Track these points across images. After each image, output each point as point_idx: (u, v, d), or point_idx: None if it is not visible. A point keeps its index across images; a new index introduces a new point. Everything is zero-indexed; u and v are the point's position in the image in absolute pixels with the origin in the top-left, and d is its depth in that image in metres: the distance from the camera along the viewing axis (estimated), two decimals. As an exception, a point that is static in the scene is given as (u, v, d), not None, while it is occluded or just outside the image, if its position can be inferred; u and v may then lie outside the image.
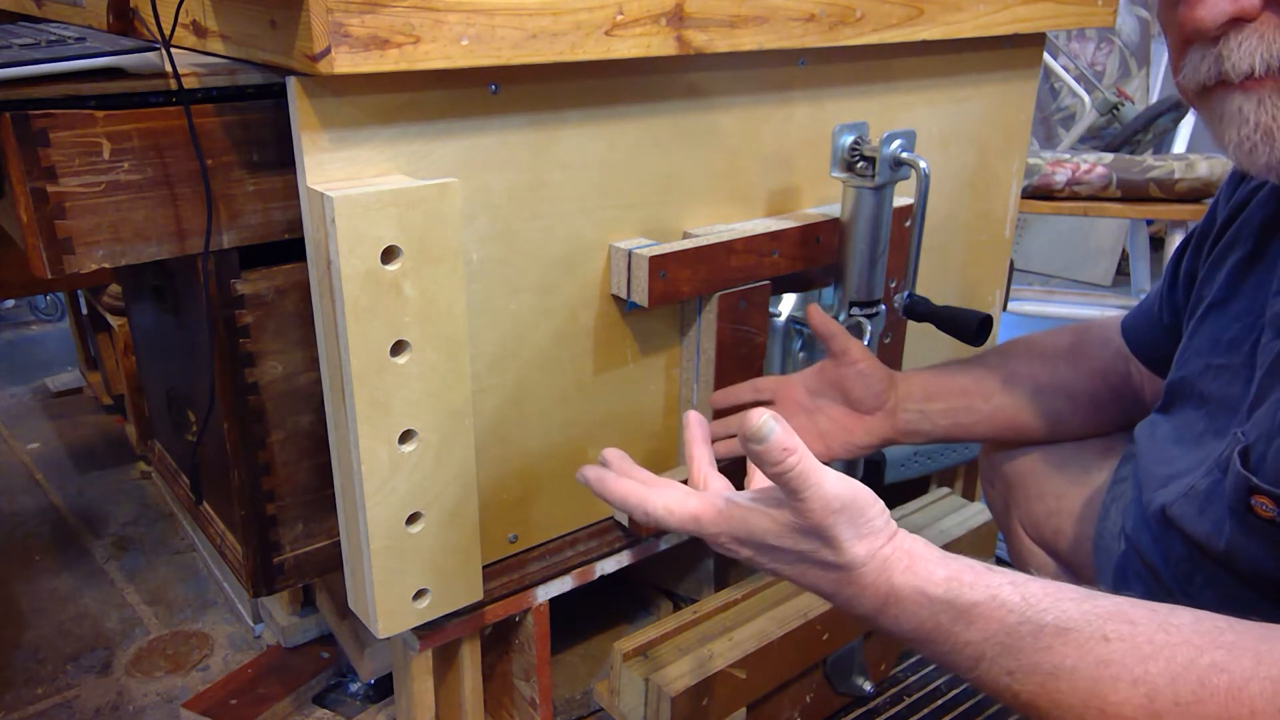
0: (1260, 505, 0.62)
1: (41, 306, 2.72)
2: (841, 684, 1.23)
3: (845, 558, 0.55)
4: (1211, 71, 0.57)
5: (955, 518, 1.35)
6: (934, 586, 0.54)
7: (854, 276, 1.04)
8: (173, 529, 1.73)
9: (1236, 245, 0.74)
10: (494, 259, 0.90)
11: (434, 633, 0.98)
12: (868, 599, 0.55)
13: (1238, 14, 0.54)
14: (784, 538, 0.56)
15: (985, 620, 0.52)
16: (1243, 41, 0.54)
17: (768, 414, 0.52)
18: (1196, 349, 0.76)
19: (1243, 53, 0.54)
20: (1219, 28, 0.55)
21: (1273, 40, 0.54)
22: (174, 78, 0.76)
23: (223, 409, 0.88)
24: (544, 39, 0.80)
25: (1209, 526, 0.67)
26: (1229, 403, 0.70)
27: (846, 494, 0.54)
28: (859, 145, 0.98)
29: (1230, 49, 0.55)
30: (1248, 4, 0.54)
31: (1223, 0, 0.54)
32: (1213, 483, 0.67)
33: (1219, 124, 0.59)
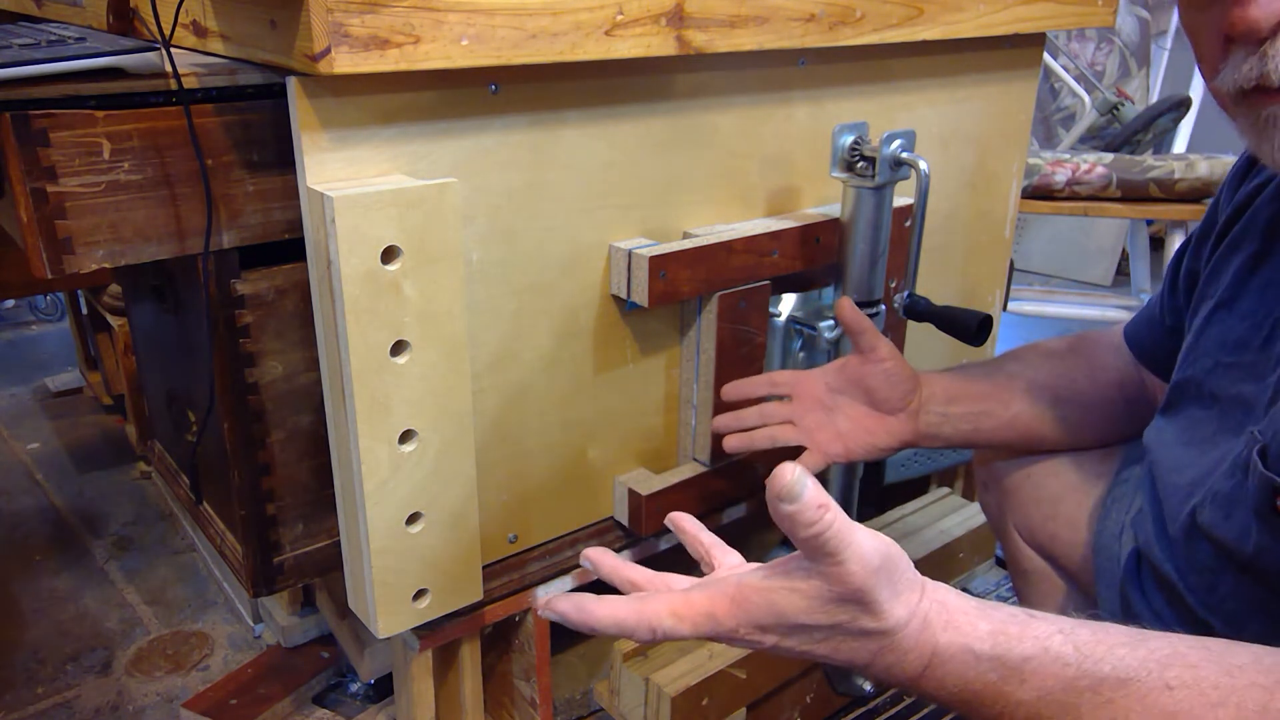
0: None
1: (41, 306, 2.72)
2: (841, 684, 1.23)
3: (888, 622, 0.50)
4: (1254, 73, 0.54)
5: (955, 518, 1.35)
6: (980, 642, 0.50)
7: (854, 276, 1.04)
8: (173, 529, 1.73)
9: (1243, 244, 0.73)
10: (494, 259, 0.90)
11: (434, 633, 0.98)
12: (910, 663, 0.51)
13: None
14: (815, 613, 0.50)
15: (1040, 677, 0.48)
16: None
17: (799, 469, 0.47)
18: (1204, 349, 0.75)
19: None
20: (1272, 28, 0.52)
21: None
22: (174, 78, 0.76)
23: (223, 409, 0.88)
24: (544, 39, 0.80)
25: (1236, 531, 0.65)
26: (1240, 401, 0.69)
27: (882, 549, 0.49)
28: (859, 145, 0.98)
29: (1277, 49, 0.53)
30: None
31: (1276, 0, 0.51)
32: (1234, 484, 0.65)
33: (1263, 132, 0.56)
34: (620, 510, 1.08)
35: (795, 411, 0.97)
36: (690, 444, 1.10)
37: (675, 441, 1.12)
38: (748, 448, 0.99)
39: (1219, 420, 0.72)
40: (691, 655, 1.05)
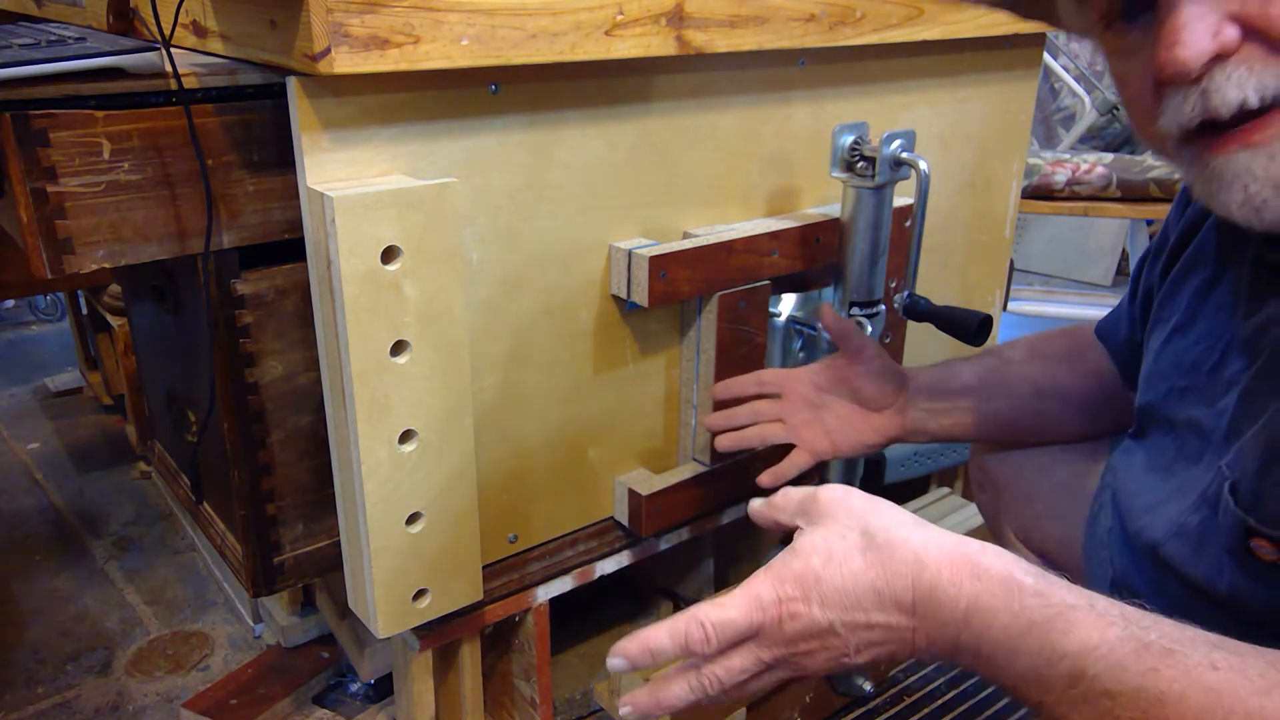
0: (1261, 549, 0.58)
1: (41, 306, 2.72)
2: (841, 684, 1.23)
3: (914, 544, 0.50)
4: (1196, 110, 0.52)
5: (955, 518, 1.35)
6: (1024, 575, 0.49)
7: (854, 276, 1.04)
8: (173, 529, 1.73)
9: (1197, 267, 0.71)
10: (494, 259, 0.90)
11: (434, 633, 0.98)
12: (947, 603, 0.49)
13: (1219, 49, 0.50)
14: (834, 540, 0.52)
15: (1086, 629, 0.46)
16: (1230, 74, 0.51)
17: None
18: (1160, 372, 0.74)
19: (1231, 84, 0.51)
20: (1203, 68, 0.51)
21: (1263, 72, 0.50)
22: (174, 78, 0.76)
23: (223, 409, 0.88)
24: (544, 39, 0.80)
25: (1207, 569, 0.63)
26: (1193, 425, 0.68)
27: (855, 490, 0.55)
28: (859, 145, 0.98)
29: (1217, 84, 0.51)
30: (1228, 40, 0.50)
31: (1202, 39, 0.50)
32: (1203, 520, 0.64)
33: (1216, 183, 0.54)
34: (620, 510, 1.08)
35: (784, 410, 0.99)
36: (690, 444, 1.10)
37: (675, 441, 1.12)
38: (739, 446, 1.01)
39: (1176, 447, 0.71)
40: (691, 655, 1.05)
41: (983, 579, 0.49)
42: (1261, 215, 0.53)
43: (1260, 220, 0.53)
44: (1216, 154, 0.53)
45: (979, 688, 1.29)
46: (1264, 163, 0.52)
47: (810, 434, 0.97)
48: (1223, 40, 0.50)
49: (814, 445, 0.97)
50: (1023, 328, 2.66)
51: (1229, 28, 0.50)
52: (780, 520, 0.59)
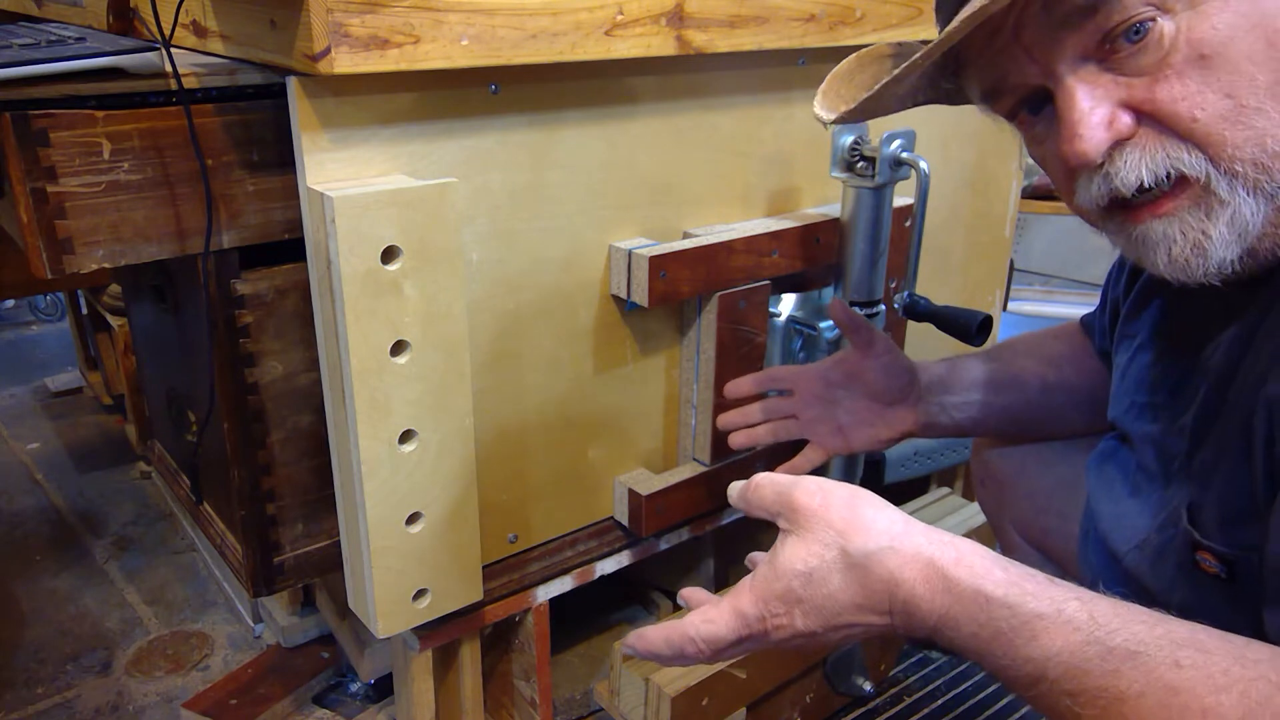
0: (1204, 561, 0.61)
1: (41, 306, 2.72)
2: (841, 684, 1.23)
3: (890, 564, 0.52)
4: (1102, 190, 0.58)
5: (955, 518, 1.35)
6: (994, 586, 0.51)
7: (854, 276, 1.04)
8: (173, 529, 1.73)
9: (1157, 287, 0.74)
10: (494, 259, 0.90)
11: (434, 633, 0.98)
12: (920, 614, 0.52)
13: (1115, 138, 0.56)
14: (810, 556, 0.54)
15: (1049, 636, 0.49)
16: (1126, 158, 0.56)
17: None
18: (1125, 389, 0.76)
19: (1129, 166, 0.56)
20: (1103, 155, 0.56)
21: (1155, 152, 0.55)
22: (174, 78, 0.76)
23: (223, 409, 0.88)
24: (544, 39, 0.80)
25: (1163, 582, 0.66)
26: (1154, 443, 0.70)
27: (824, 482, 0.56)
28: (859, 145, 0.98)
29: (1117, 168, 0.56)
30: (1123, 127, 0.56)
31: (1099, 131, 0.55)
32: (1165, 539, 0.66)
33: (1140, 247, 0.59)
34: (620, 510, 1.08)
35: (796, 406, 0.98)
36: (690, 444, 1.10)
37: (675, 441, 1.12)
38: (752, 443, 1.00)
39: (1137, 461, 0.73)
40: (691, 655, 1.05)
41: (953, 592, 0.52)
42: (1189, 272, 0.57)
43: (1188, 276, 0.58)
44: (1135, 224, 0.59)
45: (979, 688, 1.29)
46: (1179, 227, 0.57)
47: (823, 429, 0.97)
48: (1118, 129, 0.56)
49: (827, 441, 0.97)
50: (1023, 328, 2.65)
51: (1123, 115, 0.56)
52: (756, 514, 0.61)
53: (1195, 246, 0.56)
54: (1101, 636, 0.48)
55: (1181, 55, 0.53)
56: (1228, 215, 0.55)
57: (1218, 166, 0.54)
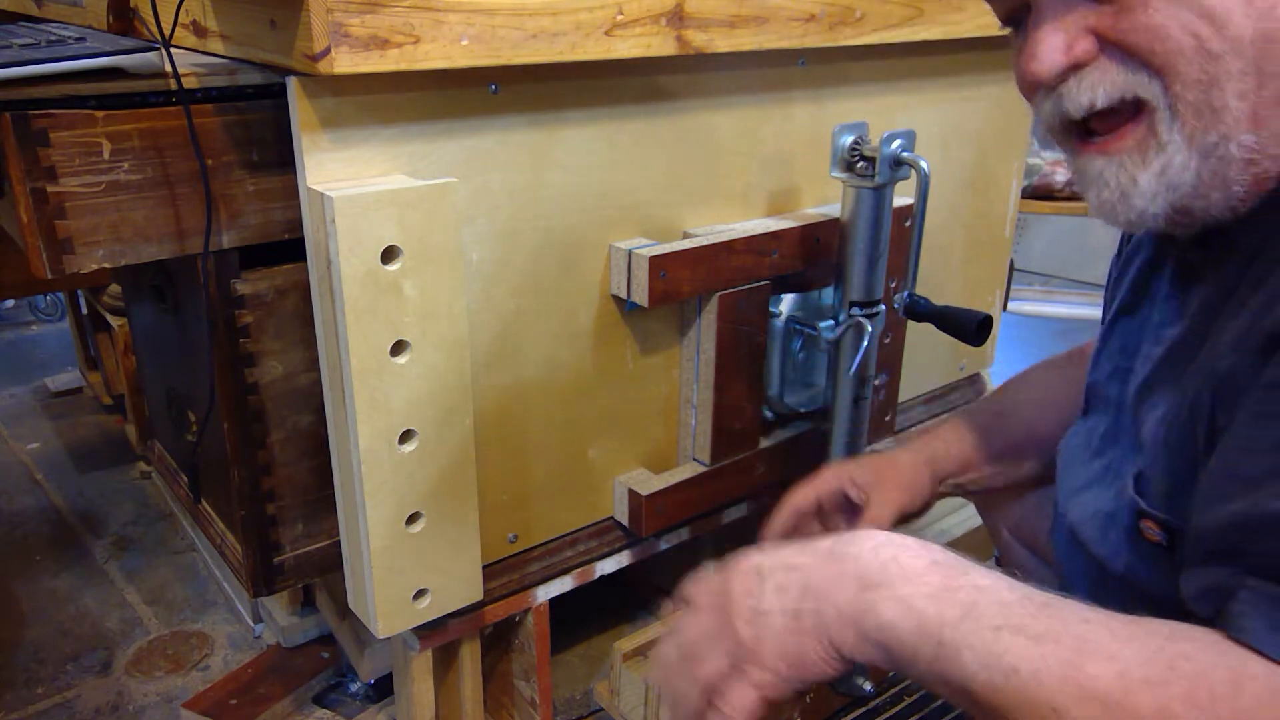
0: (1148, 529, 0.63)
1: (41, 306, 2.72)
2: (841, 684, 1.22)
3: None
4: (1054, 111, 0.60)
5: (955, 518, 1.35)
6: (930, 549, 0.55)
7: (854, 276, 1.04)
8: (173, 529, 1.73)
9: (1140, 250, 0.75)
10: (494, 259, 0.90)
11: (434, 633, 0.98)
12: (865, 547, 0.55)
13: (1072, 63, 0.57)
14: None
15: (981, 574, 0.53)
16: (1080, 81, 0.57)
17: None
18: (1107, 353, 0.77)
19: (1082, 89, 0.57)
20: (1057, 77, 0.58)
21: (1114, 78, 0.56)
22: (174, 78, 0.76)
23: (223, 409, 0.88)
24: (544, 39, 0.80)
25: (1109, 549, 0.68)
26: (1124, 406, 0.71)
27: None
28: (859, 145, 0.98)
29: (1069, 88, 0.58)
30: (1080, 51, 0.57)
31: (1055, 54, 0.57)
32: (1113, 506, 0.68)
33: (1083, 181, 0.61)
34: (620, 510, 1.08)
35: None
36: (690, 444, 1.10)
37: (675, 441, 1.12)
38: None
39: (1109, 425, 0.74)
40: (691, 655, 1.05)
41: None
42: (1115, 218, 0.59)
43: (1114, 222, 0.60)
44: (1079, 156, 0.61)
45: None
46: (1115, 171, 0.58)
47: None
48: (1076, 54, 0.57)
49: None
50: (1023, 328, 2.65)
51: (1084, 41, 0.57)
52: None
53: (1121, 192, 0.58)
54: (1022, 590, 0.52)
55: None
56: (1159, 164, 0.57)
57: (1167, 97, 0.55)
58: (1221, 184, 0.56)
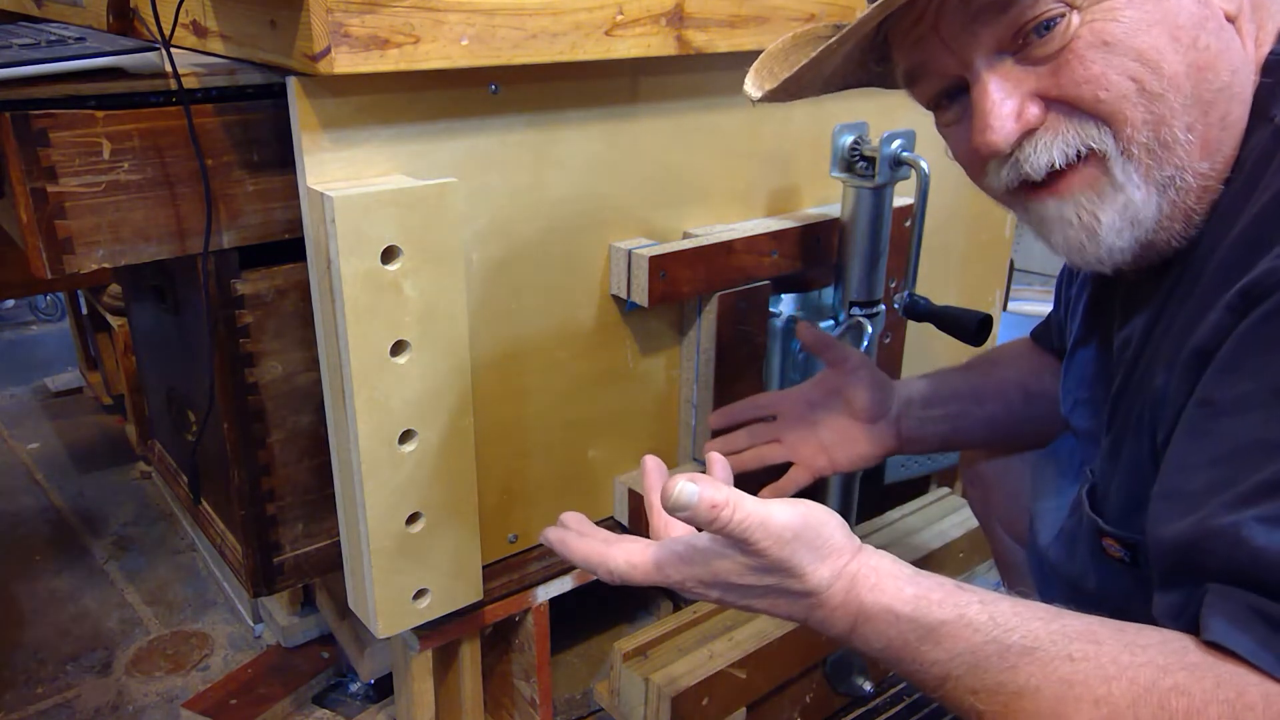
0: (1110, 547, 0.64)
1: (41, 306, 2.73)
2: (841, 684, 1.23)
3: (810, 583, 0.55)
4: (1013, 176, 0.60)
5: (955, 518, 1.35)
6: (902, 605, 0.54)
7: (854, 276, 1.04)
8: (173, 529, 1.73)
9: (1086, 285, 0.77)
10: (494, 259, 0.90)
11: (434, 633, 0.98)
12: (839, 620, 0.55)
13: (1024, 129, 0.58)
14: (747, 576, 0.56)
15: (952, 640, 0.52)
16: (1036, 144, 0.58)
17: (681, 479, 0.52)
18: (1068, 385, 0.78)
19: (1039, 150, 0.58)
20: (1013, 144, 0.59)
21: (1066, 134, 0.57)
22: (174, 78, 0.76)
23: (223, 409, 0.88)
24: (544, 39, 0.80)
25: (1077, 568, 0.69)
26: (1091, 436, 0.72)
27: (796, 522, 0.54)
28: (859, 145, 0.98)
29: (1026, 154, 0.59)
30: (1031, 118, 0.58)
31: (1008, 123, 0.58)
32: (1075, 523, 0.69)
33: (1040, 226, 0.62)
34: (620, 510, 1.08)
35: (780, 429, 0.98)
36: (690, 444, 1.10)
37: (675, 441, 1.12)
38: (739, 470, 0.99)
39: (1081, 454, 0.75)
40: (691, 655, 1.05)
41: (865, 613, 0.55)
42: (1083, 255, 0.60)
43: (1083, 260, 0.60)
44: (1036, 203, 0.61)
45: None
46: (1073, 210, 0.59)
47: (807, 450, 0.97)
48: (1026, 120, 0.58)
49: (812, 462, 0.96)
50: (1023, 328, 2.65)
51: (1032, 106, 0.58)
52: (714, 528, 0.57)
53: (1088, 230, 0.59)
54: (999, 635, 0.51)
55: (1085, 41, 0.55)
56: (1120, 201, 0.58)
57: (1118, 143, 0.56)
58: (1183, 214, 0.58)
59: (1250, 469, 0.49)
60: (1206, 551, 0.50)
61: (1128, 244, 0.59)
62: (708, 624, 1.11)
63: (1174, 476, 0.54)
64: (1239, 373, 0.51)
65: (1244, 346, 0.51)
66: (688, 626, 1.10)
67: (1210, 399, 0.52)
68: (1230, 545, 0.48)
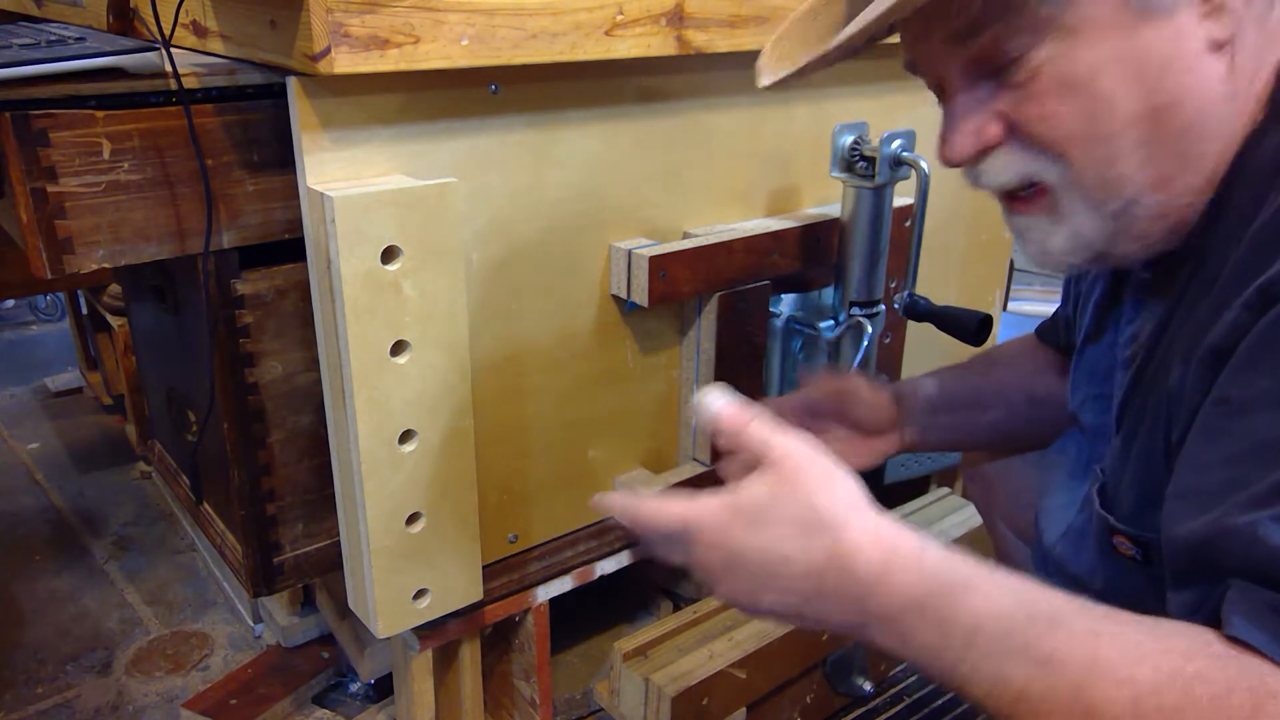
0: (1121, 544, 0.64)
1: (41, 306, 2.73)
2: (841, 684, 1.23)
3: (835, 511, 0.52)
4: (977, 184, 0.65)
5: (955, 518, 1.35)
6: (930, 557, 0.52)
7: (854, 276, 1.04)
8: (173, 529, 1.73)
9: (1097, 282, 0.77)
10: (494, 259, 0.90)
11: (434, 633, 0.98)
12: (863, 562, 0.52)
13: (982, 148, 0.62)
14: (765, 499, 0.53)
15: (982, 596, 0.50)
16: (992, 163, 0.62)
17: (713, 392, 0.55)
18: (1076, 381, 0.78)
19: (993, 173, 0.62)
20: (970, 159, 0.63)
21: (1016, 161, 0.61)
22: (174, 78, 0.76)
23: (223, 409, 0.88)
24: (544, 39, 0.80)
25: (1085, 566, 0.69)
26: (1101, 433, 0.72)
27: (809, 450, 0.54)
28: (859, 145, 0.98)
29: (983, 169, 0.63)
30: (990, 136, 0.61)
31: (967, 139, 0.62)
32: (1084, 520, 0.69)
33: (1014, 234, 0.66)
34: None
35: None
36: (690, 444, 1.10)
37: (675, 441, 1.12)
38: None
39: (1089, 452, 0.75)
40: (691, 655, 1.05)
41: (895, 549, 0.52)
42: (1043, 264, 0.65)
43: (1045, 267, 0.65)
44: (1007, 212, 0.66)
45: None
46: (1031, 228, 0.63)
47: None
48: (985, 138, 0.61)
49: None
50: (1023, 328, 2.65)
51: (993, 126, 0.61)
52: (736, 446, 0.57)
53: (1040, 249, 0.64)
54: (1027, 602, 0.50)
55: (1047, 79, 0.57)
56: (1068, 230, 0.61)
57: (1067, 179, 0.59)
58: (1135, 235, 0.60)
59: (1267, 468, 0.48)
60: (1222, 550, 0.50)
61: (1079, 259, 0.63)
62: (708, 624, 1.11)
63: (1189, 475, 0.54)
64: (1256, 371, 0.51)
65: (1262, 344, 0.51)
66: (688, 626, 1.10)
67: (1227, 397, 0.52)
68: (1247, 544, 0.48)
